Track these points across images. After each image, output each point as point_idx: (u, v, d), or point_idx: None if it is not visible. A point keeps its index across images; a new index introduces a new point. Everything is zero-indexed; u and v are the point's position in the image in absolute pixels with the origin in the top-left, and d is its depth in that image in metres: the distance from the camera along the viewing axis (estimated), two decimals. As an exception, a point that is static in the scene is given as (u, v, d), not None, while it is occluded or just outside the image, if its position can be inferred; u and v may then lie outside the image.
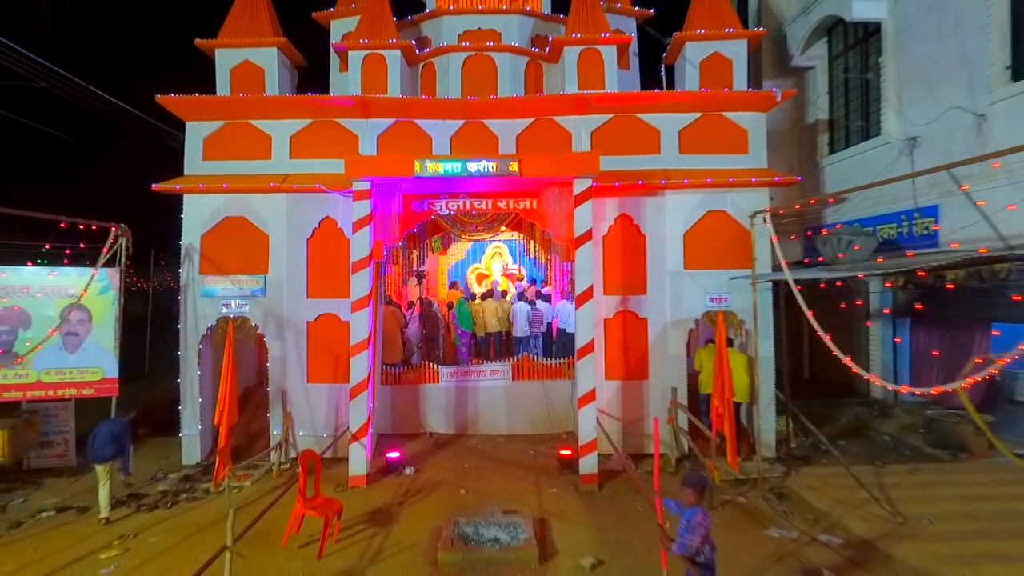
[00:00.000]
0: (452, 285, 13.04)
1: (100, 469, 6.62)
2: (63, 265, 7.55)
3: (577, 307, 7.99)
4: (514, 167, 7.68)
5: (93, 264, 7.73)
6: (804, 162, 11.75)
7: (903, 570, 5.42)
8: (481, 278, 14.03)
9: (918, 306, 9.28)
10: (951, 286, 6.25)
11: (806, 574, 5.40)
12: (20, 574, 5.53)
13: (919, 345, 10.78)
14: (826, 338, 5.88)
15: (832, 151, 11.16)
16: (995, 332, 8.98)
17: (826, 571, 5.41)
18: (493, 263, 14.20)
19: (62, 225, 6.82)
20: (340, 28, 10.28)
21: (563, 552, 5.84)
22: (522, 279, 13.44)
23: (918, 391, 5.18)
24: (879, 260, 7.66)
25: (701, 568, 3.99)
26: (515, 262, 13.84)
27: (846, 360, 5.61)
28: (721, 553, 5.68)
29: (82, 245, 7.20)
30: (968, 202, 7.76)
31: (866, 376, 5.73)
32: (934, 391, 4.76)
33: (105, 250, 7.35)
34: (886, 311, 10.65)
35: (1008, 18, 7.32)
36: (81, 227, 7.02)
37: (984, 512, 6.45)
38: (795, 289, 6.45)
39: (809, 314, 6.18)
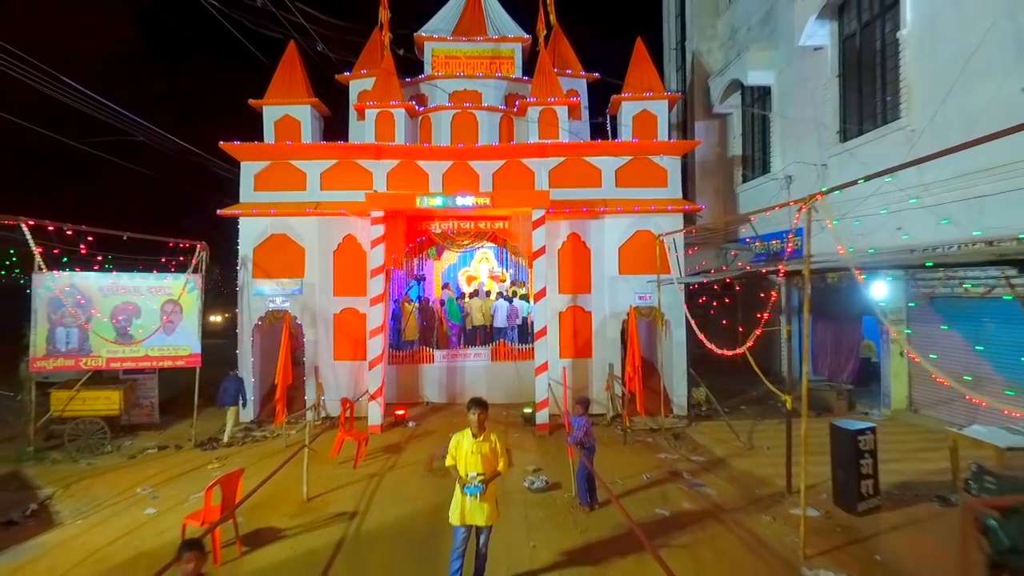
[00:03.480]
0: (445, 286, 15.92)
1: (229, 411, 10.00)
2: (163, 272, 10.38)
3: (535, 303, 10.91)
4: (487, 201, 10.58)
5: (165, 270, 10.63)
6: (726, 188, 14.70)
7: (733, 471, 8.35)
8: (470, 280, 16.91)
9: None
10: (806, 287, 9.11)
11: (671, 475, 8.30)
12: (158, 476, 8.38)
13: (817, 333, 13.73)
14: (694, 323, 8.78)
15: (744, 181, 14.12)
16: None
17: (685, 473, 8.33)
18: (480, 267, 17.09)
19: (170, 244, 9.68)
20: (357, 87, 13.15)
21: (517, 465, 8.74)
22: (504, 281, 16.33)
23: (726, 352, 8.00)
24: (746, 267, 10.56)
25: (587, 450, 6.88)
26: (500, 266, 16.74)
27: (700, 336, 8.50)
28: (620, 465, 8.66)
29: (182, 258, 10.03)
30: (820, 226, 10.69)
31: (708, 344, 8.55)
32: (733, 352, 7.61)
33: (194, 261, 10.22)
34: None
35: (838, 96, 10.27)
36: (183, 245, 9.88)
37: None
38: (680, 291, 9.36)
39: (685, 308, 9.08)
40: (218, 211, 11.66)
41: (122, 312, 10.01)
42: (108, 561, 5.85)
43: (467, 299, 14.73)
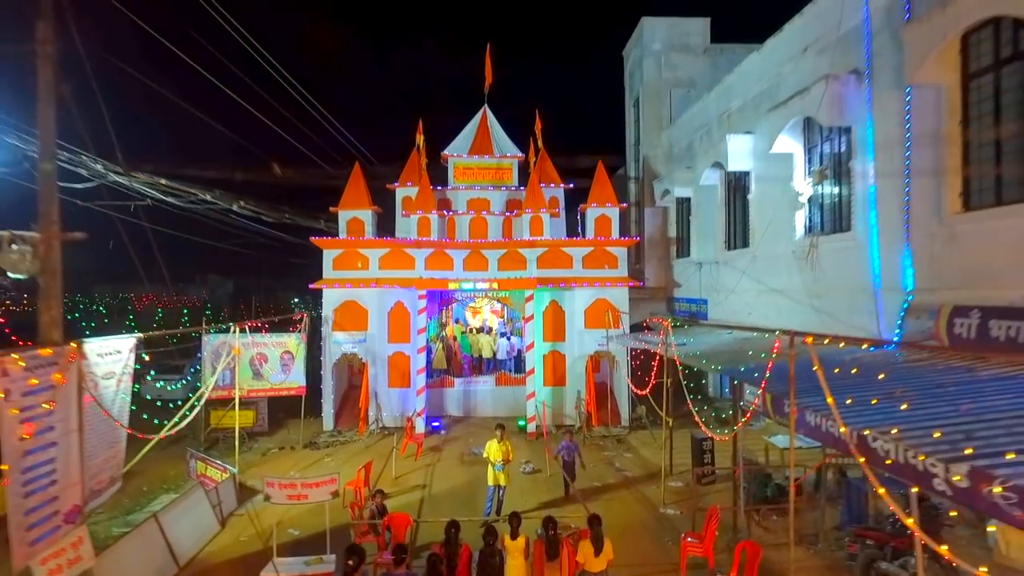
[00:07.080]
0: (456, 321, 21.31)
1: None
2: (281, 332, 15.73)
3: (527, 351, 16.36)
4: (495, 284, 16.01)
5: (282, 331, 15.98)
6: (666, 259, 20.18)
7: (646, 460, 13.78)
8: (475, 313, 22.30)
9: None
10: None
11: (608, 463, 13.70)
12: (295, 465, 13.66)
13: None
14: (623, 371, 14.18)
15: (678, 256, 19.59)
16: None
17: (616, 462, 13.74)
18: (484, 303, 22.49)
19: (293, 317, 15.01)
20: (401, 193, 18.43)
21: (515, 459, 14.11)
22: (503, 317, 21.75)
23: (640, 392, 13.37)
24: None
25: (565, 462, 12.22)
26: (499, 304, 22.15)
27: (628, 380, 13.89)
28: (575, 456, 13.99)
29: (299, 324, 15.40)
30: (718, 300, 16.17)
31: (633, 387, 13.94)
32: (642, 392, 13.00)
33: (301, 325, 15.56)
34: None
35: (724, 219, 15.74)
36: (300, 317, 15.24)
37: (698, 444, 14.82)
38: (626, 349, 14.78)
39: (624, 351, 14.48)
40: (310, 285, 16.98)
41: (256, 359, 15.29)
42: (302, 507, 11.15)
43: (475, 334, 20.14)
